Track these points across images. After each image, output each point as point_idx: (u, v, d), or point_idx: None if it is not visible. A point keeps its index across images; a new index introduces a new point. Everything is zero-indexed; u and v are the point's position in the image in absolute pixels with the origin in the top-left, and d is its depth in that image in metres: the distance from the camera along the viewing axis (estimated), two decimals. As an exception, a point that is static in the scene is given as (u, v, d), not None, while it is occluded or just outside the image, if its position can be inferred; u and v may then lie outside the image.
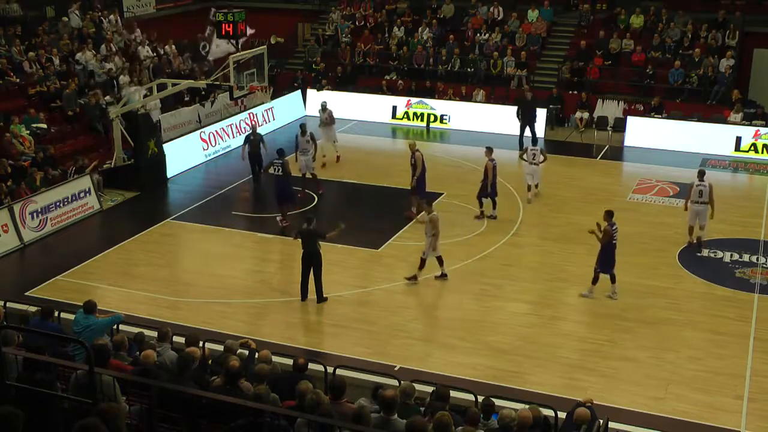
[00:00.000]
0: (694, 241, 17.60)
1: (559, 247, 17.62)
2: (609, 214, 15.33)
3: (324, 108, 23.53)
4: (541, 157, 20.17)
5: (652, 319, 14.70)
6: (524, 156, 20.67)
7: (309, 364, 11.15)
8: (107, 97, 23.79)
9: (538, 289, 15.98)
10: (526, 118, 24.30)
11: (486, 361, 13.28)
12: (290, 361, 10.39)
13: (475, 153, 24.03)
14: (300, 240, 15.25)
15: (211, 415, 7.18)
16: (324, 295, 15.27)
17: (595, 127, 25.87)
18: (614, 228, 15.16)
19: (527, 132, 24.07)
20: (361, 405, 8.22)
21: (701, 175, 17.74)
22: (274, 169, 18.53)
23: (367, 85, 29.01)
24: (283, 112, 27.71)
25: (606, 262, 15.24)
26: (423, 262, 15.90)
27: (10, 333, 8.70)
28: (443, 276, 16.05)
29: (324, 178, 21.43)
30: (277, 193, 18.76)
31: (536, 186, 20.53)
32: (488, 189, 18.79)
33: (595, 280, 15.30)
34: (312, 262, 15.11)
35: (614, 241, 15.16)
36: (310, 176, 20.88)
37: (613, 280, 15.32)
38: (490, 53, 28.47)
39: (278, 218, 18.71)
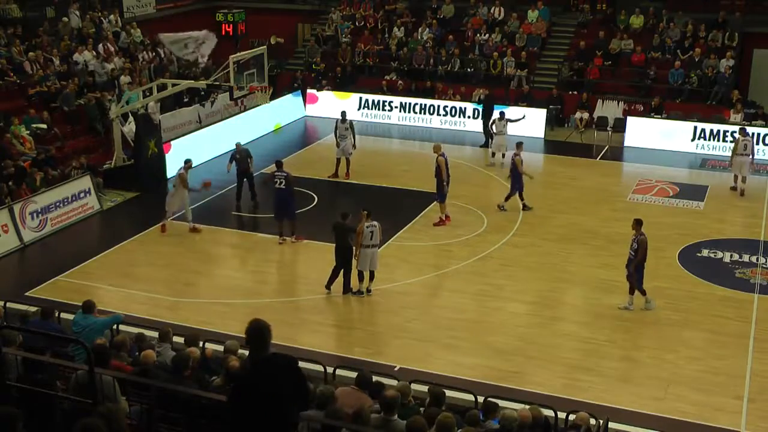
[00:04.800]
0: (738, 187, 20.81)
1: (559, 247, 17.61)
2: (639, 224, 14.72)
3: None
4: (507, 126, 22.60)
5: (651, 319, 14.70)
6: (493, 127, 23.00)
7: (308, 364, 11.17)
8: (108, 96, 23.78)
9: (538, 289, 15.97)
10: (489, 116, 24.71)
11: (486, 362, 13.27)
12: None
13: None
14: (334, 234, 15.43)
15: (211, 415, 7.18)
16: (350, 287, 15.44)
17: (595, 128, 25.85)
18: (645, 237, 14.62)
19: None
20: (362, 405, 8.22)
21: (743, 131, 21.17)
22: (278, 182, 17.72)
23: (367, 85, 29.02)
24: (283, 113, 27.72)
25: (639, 275, 14.67)
26: (360, 274, 15.45)
27: (11, 334, 8.70)
28: (358, 293, 15.52)
29: (322, 178, 21.43)
30: (278, 207, 17.93)
31: (503, 156, 22.57)
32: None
33: (632, 290, 14.77)
34: (345, 256, 15.24)
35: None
36: (345, 160, 21.73)
37: (643, 294, 14.82)
38: (490, 53, 28.47)
39: (279, 241, 17.84)
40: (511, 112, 23.87)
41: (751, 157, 20.86)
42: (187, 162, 18.91)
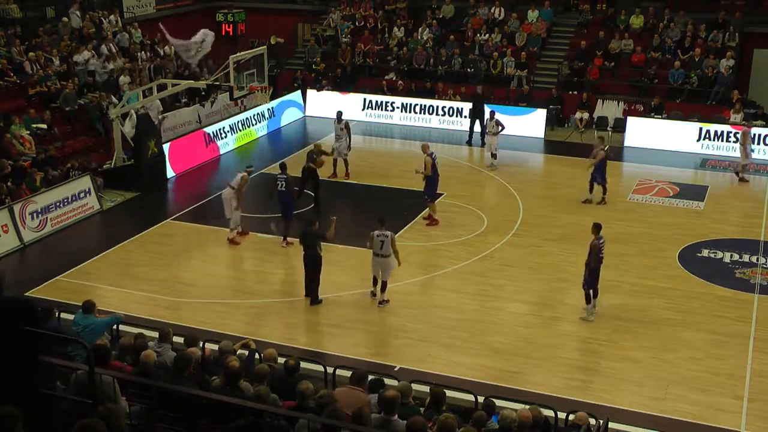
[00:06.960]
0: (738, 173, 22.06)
1: (558, 247, 17.61)
2: (597, 228, 14.48)
3: None
4: (499, 128, 22.43)
5: (652, 319, 14.70)
6: (487, 129, 23.05)
7: (308, 364, 11.17)
8: (106, 99, 23.78)
9: (538, 289, 15.97)
10: (476, 113, 24.91)
11: (486, 362, 13.28)
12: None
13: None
14: (301, 242, 15.29)
15: (211, 415, 7.18)
16: (319, 298, 15.25)
17: (595, 128, 25.85)
18: (602, 242, 14.38)
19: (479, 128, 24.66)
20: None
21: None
22: (280, 184, 17.71)
23: (367, 85, 29.01)
24: (282, 113, 27.72)
25: (593, 278, 14.47)
26: (374, 279, 15.33)
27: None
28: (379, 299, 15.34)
29: (321, 178, 21.38)
30: (283, 210, 17.94)
31: (490, 155, 22.69)
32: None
33: (588, 299, 14.63)
34: (313, 264, 15.13)
35: (601, 255, 14.37)
36: (343, 161, 21.80)
37: (595, 295, 14.56)
38: (490, 53, 28.47)
39: (283, 245, 17.82)
40: (496, 118, 22.85)
41: (746, 147, 21.66)
42: (250, 167, 18.75)
